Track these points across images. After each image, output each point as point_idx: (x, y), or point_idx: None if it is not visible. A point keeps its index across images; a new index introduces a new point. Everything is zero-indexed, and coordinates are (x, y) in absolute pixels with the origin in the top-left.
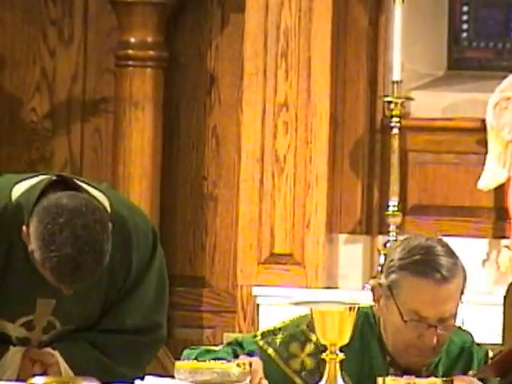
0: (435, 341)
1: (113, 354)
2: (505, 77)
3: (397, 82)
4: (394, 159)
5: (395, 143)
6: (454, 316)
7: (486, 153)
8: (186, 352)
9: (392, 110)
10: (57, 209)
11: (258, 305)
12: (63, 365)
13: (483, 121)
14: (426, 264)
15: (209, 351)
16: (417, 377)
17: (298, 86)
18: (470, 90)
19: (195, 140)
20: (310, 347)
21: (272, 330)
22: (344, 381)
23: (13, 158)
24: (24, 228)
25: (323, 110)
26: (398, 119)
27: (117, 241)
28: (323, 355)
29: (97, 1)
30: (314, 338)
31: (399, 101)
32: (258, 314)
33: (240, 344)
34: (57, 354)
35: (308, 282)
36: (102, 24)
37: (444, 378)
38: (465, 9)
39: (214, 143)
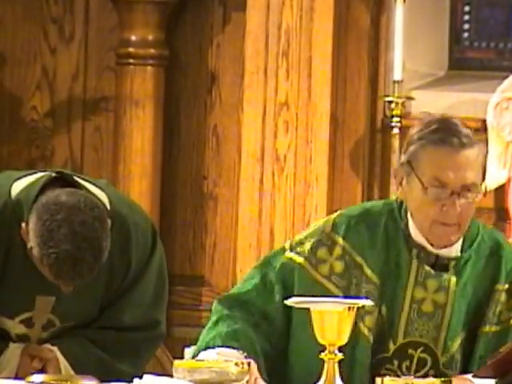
0: (458, 210)
1: (112, 351)
2: (506, 77)
3: (398, 82)
4: (395, 159)
5: (396, 143)
6: (477, 187)
7: (487, 153)
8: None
9: (393, 110)
10: (55, 206)
11: None
12: (62, 361)
13: (484, 121)
14: (444, 132)
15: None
16: (415, 378)
17: (299, 85)
18: (470, 90)
19: (195, 139)
20: (337, 250)
21: (299, 240)
22: (368, 279)
23: (13, 157)
24: (23, 225)
25: (324, 109)
26: (398, 119)
27: (116, 238)
28: (322, 355)
29: None
30: (340, 240)
31: (400, 100)
32: None
33: (269, 262)
34: (56, 349)
35: None
36: (102, 22)
37: (443, 379)
38: (466, 9)
39: (214, 142)
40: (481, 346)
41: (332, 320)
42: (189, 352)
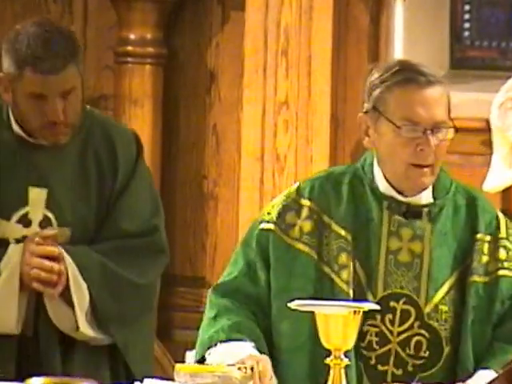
0: (433, 149)
1: (114, 258)
2: (509, 77)
3: None
4: None
5: None
6: (447, 124)
7: (491, 153)
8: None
9: None
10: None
11: None
12: (68, 258)
13: (487, 121)
14: (408, 71)
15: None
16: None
17: (299, 84)
18: (473, 90)
19: (195, 138)
20: (304, 212)
21: (266, 211)
22: (338, 236)
23: None
24: (1, 75)
25: (324, 108)
26: None
27: (100, 142)
28: (327, 360)
29: None
30: (306, 202)
31: None
32: None
33: (247, 243)
34: (61, 249)
35: None
36: (101, 21)
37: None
38: (466, 7)
39: (213, 141)
40: (472, 295)
41: (337, 324)
42: (192, 353)
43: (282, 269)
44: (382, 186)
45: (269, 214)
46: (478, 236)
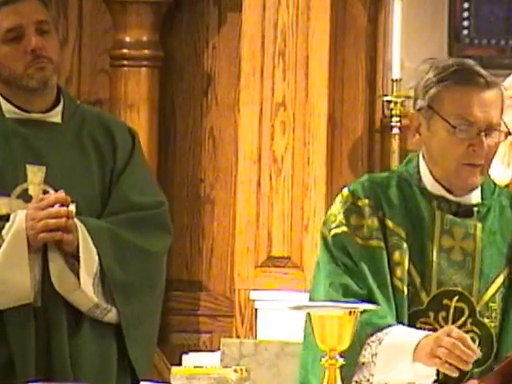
0: (486, 149)
1: (125, 228)
2: (508, 75)
3: (396, 81)
4: (394, 160)
5: (395, 143)
6: (500, 127)
7: None
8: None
9: (392, 110)
10: None
11: (256, 309)
12: (79, 224)
13: None
14: (467, 72)
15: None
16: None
17: (296, 85)
18: None
19: (192, 142)
20: (366, 210)
21: (329, 220)
22: (392, 232)
23: None
24: None
25: (321, 109)
26: (397, 119)
27: (96, 127)
28: (322, 361)
29: (91, 0)
30: (364, 201)
31: (399, 100)
32: (256, 319)
33: (322, 260)
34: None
35: (307, 286)
36: (96, 24)
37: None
38: (465, 5)
39: (210, 144)
40: None
41: (332, 325)
42: (188, 357)
43: (366, 266)
44: (431, 185)
45: (333, 222)
46: None
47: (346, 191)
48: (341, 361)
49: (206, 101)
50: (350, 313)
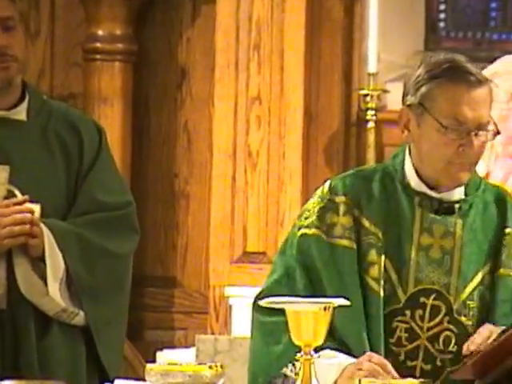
0: (475, 149)
1: (91, 230)
2: (483, 68)
3: (372, 74)
4: (370, 154)
5: (371, 137)
6: (490, 125)
7: None
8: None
9: (367, 103)
10: None
11: (230, 306)
12: (44, 228)
13: None
14: (458, 70)
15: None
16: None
17: (271, 78)
18: None
19: (166, 136)
20: (342, 208)
21: (304, 216)
22: (368, 231)
23: None
24: None
25: (297, 103)
26: (373, 112)
27: (62, 124)
28: (297, 356)
29: None
30: (341, 198)
31: (375, 93)
32: (230, 315)
33: (284, 253)
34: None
35: None
36: (69, 17)
37: (422, 380)
38: None
39: (185, 139)
40: (500, 290)
41: (308, 320)
42: (162, 353)
43: (333, 270)
44: (414, 182)
45: (306, 218)
46: (507, 231)
47: (326, 186)
48: (315, 356)
49: (180, 95)
50: (325, 308)
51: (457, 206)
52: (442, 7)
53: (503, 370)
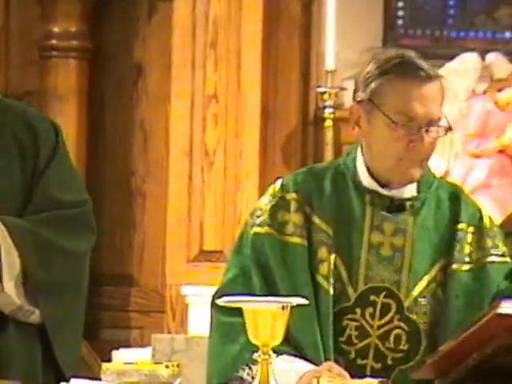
0: (426, 145)
1: (47, 228)
2: (442, 65)
3: (330, 72)
4: (328, 152)
5: (329, 135)
6: (440, 121)
7: None
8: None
9: (325, 101)
10: None
11: (187, 304)
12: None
13: None
14: (408, 65)
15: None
16: (352, 377)
17: (228, 77)
18: None
19: (122, 134)
20: (293, 205)
21: (256, 215)
22: (318, 229)
23: None
24: None
25: (254, 101)
26: (331, 110)
27: (18, 122)
28: (255, 356)
29: None
30: (292, 195)
31: (333, 91)
32: (187, 314)
33: (238, 250)
34: None
35: None
36: (25, 14)
37: (380, 379)
38: None
39: (141, 137)
40: (453, 285)
41: (265, 319)
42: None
43: (285, 268)
44: (365, 179)
45: (258, 217)
46: (460, 226)
47: (278, 184)
48: (274, 356)
49: (136, 92)
50: (283, 307)
51: (408, 203)
52: (401, 4)
53: (464, 369)
